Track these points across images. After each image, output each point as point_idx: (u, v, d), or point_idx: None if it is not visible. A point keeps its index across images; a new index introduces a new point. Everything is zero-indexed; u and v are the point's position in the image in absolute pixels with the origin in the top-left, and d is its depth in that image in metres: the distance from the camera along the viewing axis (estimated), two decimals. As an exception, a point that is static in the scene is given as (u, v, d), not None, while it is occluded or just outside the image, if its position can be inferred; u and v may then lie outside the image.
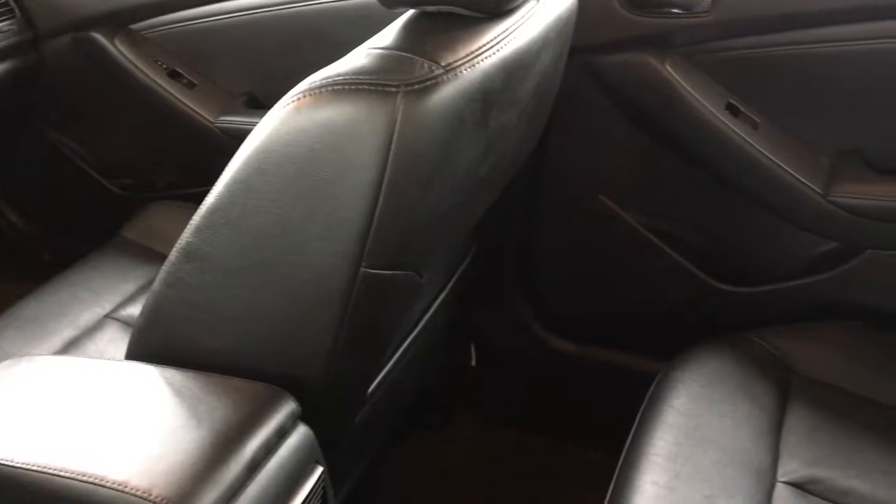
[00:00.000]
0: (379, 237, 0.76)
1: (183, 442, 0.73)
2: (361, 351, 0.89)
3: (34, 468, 0.72)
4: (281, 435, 0.78)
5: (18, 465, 0.72)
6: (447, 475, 1.52)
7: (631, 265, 1.42)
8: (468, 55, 0.77)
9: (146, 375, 0.83)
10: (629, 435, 1.05)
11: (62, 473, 0.71)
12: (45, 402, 0.81)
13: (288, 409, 0.80)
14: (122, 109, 1.59)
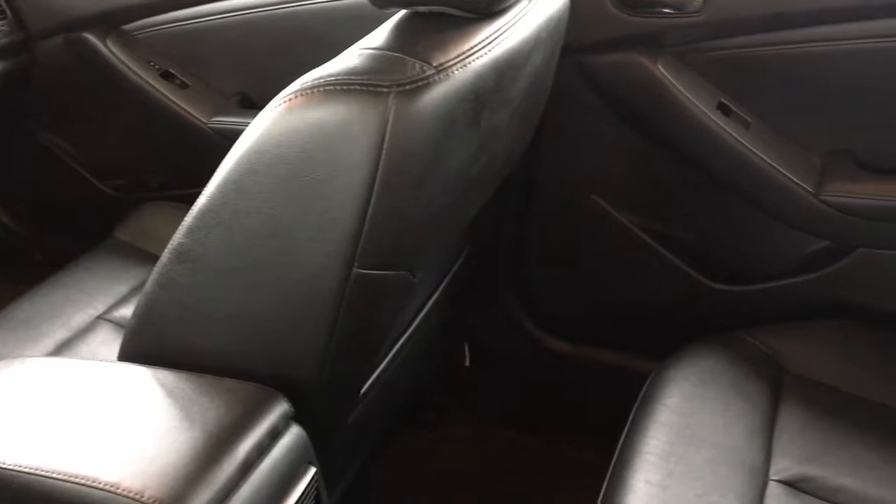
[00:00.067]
0: (371, 237, 0.76)
1: (175, 443, 0.73)
2: (354, 351, 0.89)
3: (26, 470, 0.72)
4: (274, 436, 0.78)
5: (10, 466, 0.72)
6: (441, 475, 1.52)
7: (624, 265, 1.42)
8: (460, 55, 0.77)
9: (138, 376, 0.83)
10: (622, 434, 1.06)
11: (54, 475, 0.71)
12: (37, 403, 0.81)
13: (281, 409, 0.80)
14: (114, 110, 1.58)
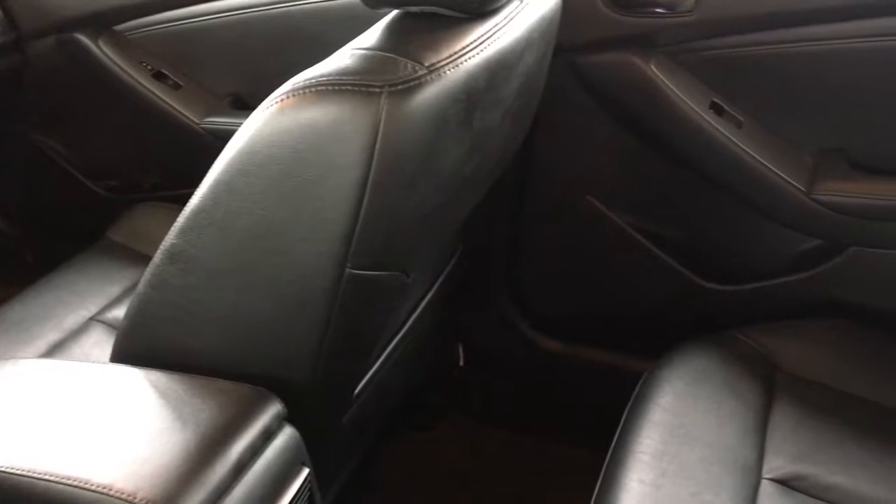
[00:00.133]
0: (364, 238, 0.76)
1: (168, 444, 0.73)
2: (347, 352, 0.89)
3: (19, 472, 0.71)
4: (267, 436, 0.78)
5: (3, 468, 0.72)
6: (435, 475, 1.52)
7: (617, 264, 1.42)
8: (452, 55, 0.77)
9: (131, 378, 0.83)
10: (616, 433, 1.06)
11: (47, 477, 0.71)
12: (29, 405, 0.80)
13: (273, 410, 0.80)
14: (106, 111, 1.58)
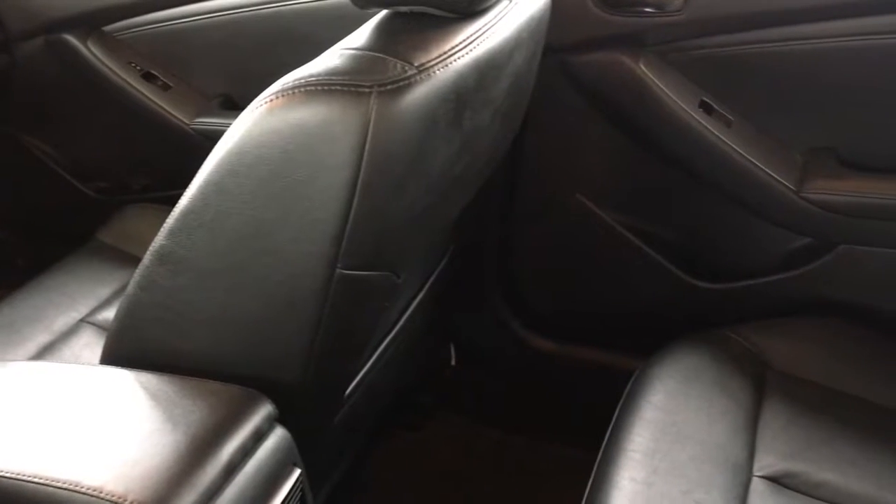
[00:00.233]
0: (354, 238, 0.76)
1: (158, 446, 0.73)
2: (338, 352, 0.89)
3: (8, 474, 0.71)
4: (258, 437, 0.78)
5: (-8, 471, 0.71)
6: (427, 475, 1.52)
7: (608, 263, 1.43)
8: (441, 55, 0.77)
9: (121, 380, 0.82)
10: (607, 431, 1.06)
11: (36, 479, 0.70)
12: (19, 407, 0.80)
13: (264, 411, 0.80)
14: (95, 112, 1.57)
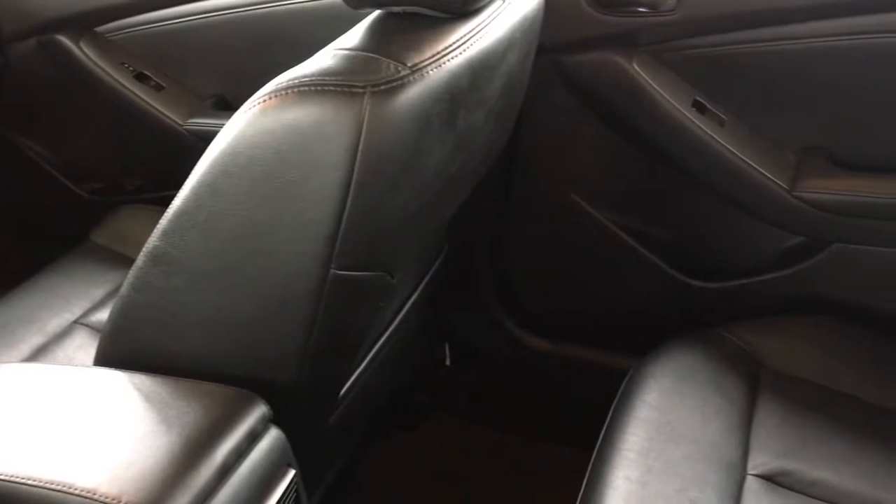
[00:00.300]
0: (348, 238, 0.76)
1: (152, 448, 0.72)
2: (333, 353, 0.89)
3: (1, 476, 0.71)
4: (252, 438, 0.78)
5: (-15, 474, 0.71)
6: (422, 475, 1.52)
7: (602, 263, 1.43)
8: (434, 55, 0.77)
9: (115, 381, 0.82)
10: (602, 431, 1.06)
11: (29, 482, 0.70)
12: (12, 409, 0.80)
13: (259, 412, 0.80)
14: (89, 113, 1.57)
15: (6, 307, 1.22)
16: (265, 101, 0.72)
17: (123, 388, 0.81)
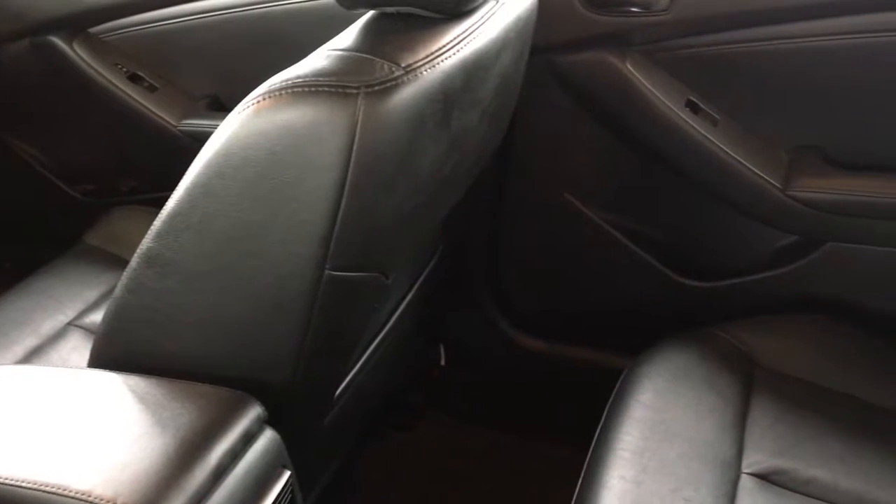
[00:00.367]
0: (342, 239, 0.76)
1: (147, 449, 0.72)
2: (328, 353, 0.89)
3: (-5, 479, 0.71)
4: (247, 440, 0.78)
5: (-21, 476, 0.71)
6: (417, 475, 1.52)
7: (596, 262, 1.43)
8: (428, 56, 0.77)
9: (109, 383, 0.82)
10: (597, 430, 1.06)
11: (24, 484, 0.70)
12: (6, 411, 0.79)
13: (254, 413, 0.80)
14: (82, 114, 1.57)
15: (0, 309, 1.22)
16: (259, 101, 0.72)
17: (118, 389, 0.81)
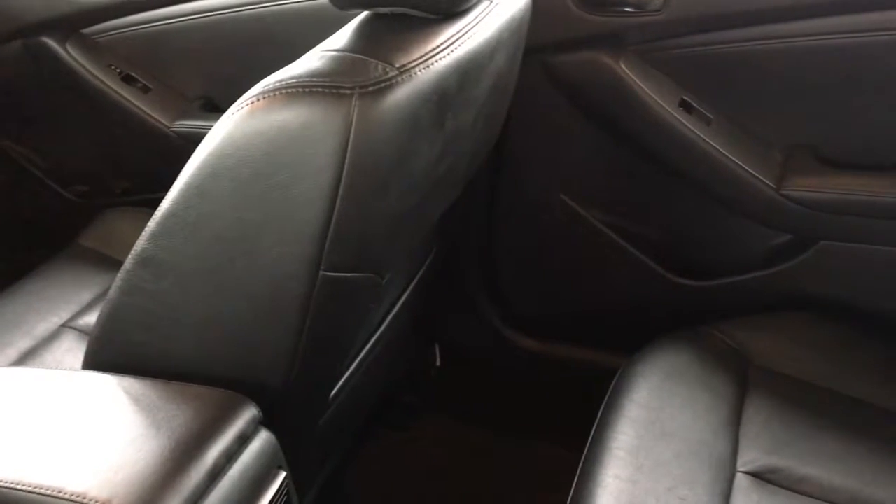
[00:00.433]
0: (337, 239, 0.76)
1: (142, 451, 0.72)
2: (323, 354, 0.89)
3: (-10, 482, 0.70)
4: (242, 441, 0.78)
5: (-26, 479, 0.71)
6: (413, 475, 1.53)
7: (592, 262, 1.43)
8: (422, 56, 0.77)
9: (104, 385, 0.82)
10: (592, 430, 1.06)
11: (19, 486, 0.70)
12: (1, 414, 0.79)
13: (249, 414, 0.79)
14: (75, 115, 1.56)
15: (-7, 311, 1.21)
16: (253, 102, 0.72)
17: (113, 391, 0.81)
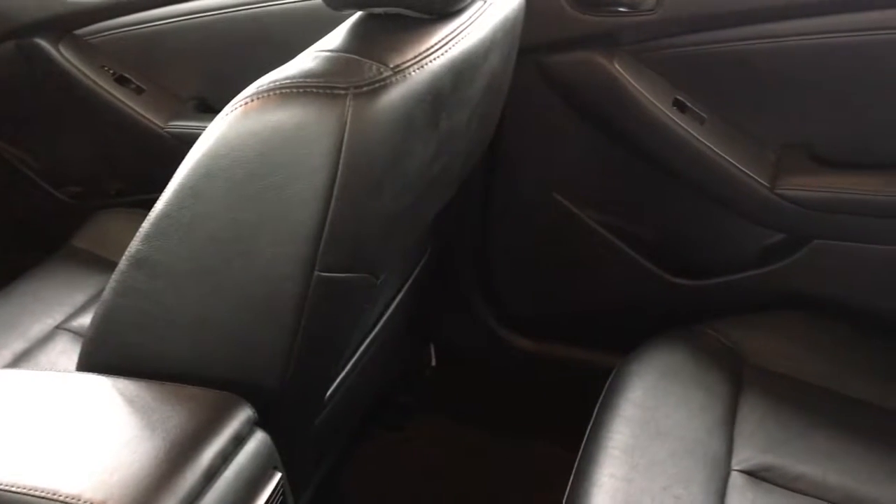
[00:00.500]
0: (332, 240, 0.76)
1: (137, 452, 0.72)
2: (318, 355, 0.89)
3: (-16, 484, 0.70)
4: (238, 442, 0.77)
5: (-33, 481, 0.70)
6: (408, 475, 1.53)
7: (586, 262, 1.43)
8: (416, 56, 0.77)
9: (98, 386, 0.82)
10: (587, 429, 1.07)
11: (13, 489, 0.69)
12: (-6, 416, 0.79)
13: (244, 415, 0.79)
14: (69, 116, 1.56)
15: (-14, 313, 1.21)
16: (247, 103, 0.72)
17: (107, 392, 0.81)
